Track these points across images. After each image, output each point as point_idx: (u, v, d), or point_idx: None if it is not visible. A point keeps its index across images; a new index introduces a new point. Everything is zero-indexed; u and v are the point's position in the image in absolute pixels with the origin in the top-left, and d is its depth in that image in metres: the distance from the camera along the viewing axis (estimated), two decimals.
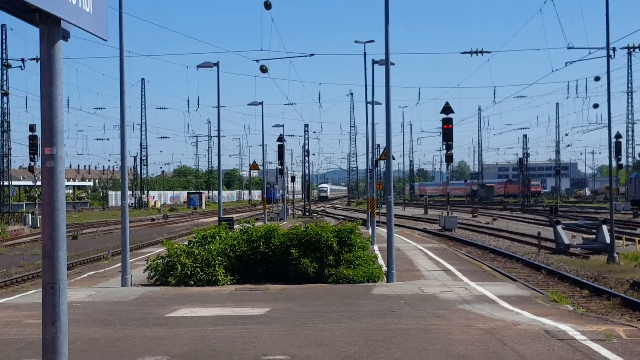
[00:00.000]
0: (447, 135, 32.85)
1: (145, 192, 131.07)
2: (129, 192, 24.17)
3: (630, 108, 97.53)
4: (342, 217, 72.24)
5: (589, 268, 30.66)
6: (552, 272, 30.16)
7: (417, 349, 12.69)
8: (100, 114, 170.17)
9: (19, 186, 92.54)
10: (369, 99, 46.77)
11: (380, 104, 43.37)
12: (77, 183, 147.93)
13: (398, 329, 14.67)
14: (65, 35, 7.87)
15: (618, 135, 73.01)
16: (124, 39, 23.48)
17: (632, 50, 62.60)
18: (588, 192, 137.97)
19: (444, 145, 33.93)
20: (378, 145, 51.87)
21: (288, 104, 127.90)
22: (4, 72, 74.30)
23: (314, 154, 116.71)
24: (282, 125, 79.23)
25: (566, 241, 38.95)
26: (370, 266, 23.99)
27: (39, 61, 7.91)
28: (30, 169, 71.63)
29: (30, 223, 65.40)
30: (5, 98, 79.06)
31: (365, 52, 44.44)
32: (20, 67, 66.46)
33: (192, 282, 22.40)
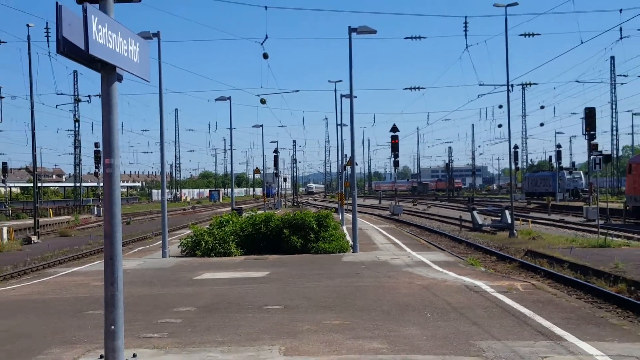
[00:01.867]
0: (394, 147, 33.08)
1: (179, 189, 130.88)
2: (167, 190, 24.24)
3: (524, 127, 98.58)
4: (320, 207, 72.02)
5: (496, 241, 30.71)
6: (470, 244, 30.28)
7: (374, 299, 12.86)
8: (146, 134, 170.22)
9: (87, 187, 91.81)
10: (339, 122, 46.86)
11: (346, 125, 43.23)
12: (129, 184, 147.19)
13: (361, 286, 14.76)
14: (120, 78, 8.17)
15: (515, 147, 73.66)
16: (162, 80, 23.58)
17: (524, 86, 63.79)
18: (495, 187, 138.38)
19: (392, 155, 34.04)
20: (345, 155, 51.68)
21: (281, 126, 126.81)
22: (76, 105, 74.16)
23: (299, 162, 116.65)
24: (277, 142, 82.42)
25: (480, 222, 39.15)
26: (341, 241, 24.09)
27: (100, 97, 8.14)
28: (95, 174, 72.06)
29: (95, 213, 65.02)
30: (77, 124, 78.88)
31: (335, 89, 44.35)
32: (87, 101, 66.27)
33: (213, 254, 22.48)
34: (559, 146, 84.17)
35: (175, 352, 8.70)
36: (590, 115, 30.92)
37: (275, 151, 74.18)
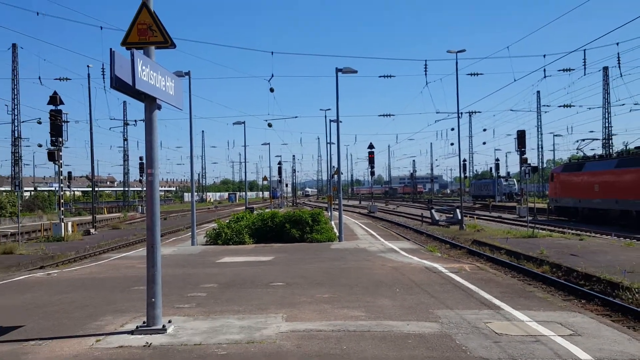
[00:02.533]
0: (371, 160, 33.15)
1: (205, 193, 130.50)
2: (195, 193, 24.16)
3: (470, 145, 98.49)
4: (314, 206, 72.04)
5: (449, 233, 30.82)
6: (429, 235, 30.30)
7: (356, 277, 12.84)
8: (179, 150, 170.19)
9: (134, 190, 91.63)
10: (328, 141, 47.11)
11: (334, 143, 43.58)
12: (166, 188, 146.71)
13: (345, 267, 14.74)
14: (159, 107, 8.24)
15: (464, 160, 73.88)
16: (192, 108, 23.55)
17: (471, 113, 63.73)
18: (449, 191, 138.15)
19: (369, 166, 34.06)
20: (333, 166, 51.77)
21: (283, 144, 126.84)
22: (125, 128, 74.42)
23: (298, 171, 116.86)
24: (280, 156, 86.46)
25: (437, 218, 39.24)
26: (330, 233, 24.13)
27: (144, 121, 8.16)
28: (140, 181, 72.71)
29: (140, 211, 64.75)
30: (125, 142, 79.18)
31: (325, 115, 44.48)
32: (134, 124, 66.25)
33: (231, 243, 22.47)
34: (497, 160, 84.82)
35: (202, 318, 8.72)
36: (521, 136, 31.02)
37: (279, 163, 74.40)
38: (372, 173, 41.87)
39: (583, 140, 46.44)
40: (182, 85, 9.21)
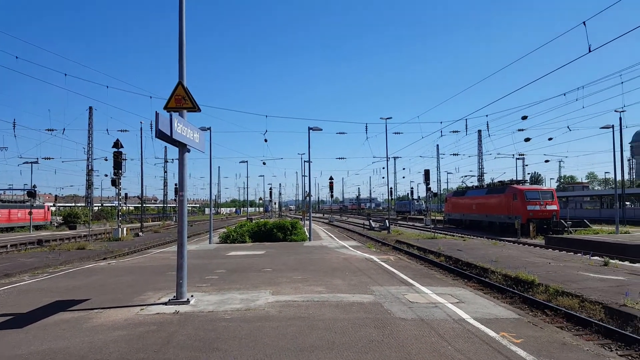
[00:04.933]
0: (331, 187, 33.11)
1: (219, 208, 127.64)
2: (213, 208, 23.62)
3: (395, 178, 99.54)
4: (294, 217, 71.55)
5: (381, 235, 30.79)
6: (368, 237, 30.05)
7: (319, 265, 12.65)
8: (202, 179, 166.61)
9: (171, 206, 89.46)
10: (303, 174, 47.06)
11: (306, 176, 43.68)
12: (192, 205, 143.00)
13: (312, 259, 14.47)
14: (188, 150, 8.09)
15: (391, 188, 74.37)
16: (212, 152, 23.31)
17: (395, 158, 65.00)
18: (382, 208, 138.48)
19: (330, 191, 34.03)
20: (306, 191, 51.89)
21: (273, 176, 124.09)
22: (165, 164, 72.92)
23: (283, 194, 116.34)
24: (271, 184, 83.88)
25: (373, 225, 39.22)
26: (303, 235, 23.81)
27: (177, 160, 8.02)
28: (174, 200, 70.49)
29: (174, 220, 63.31)
30: (165, 173, 77.20)
31: (302, 158, 44.40)
32: (171, 161, 65.15)
33: (236, 242, 22.04)
34: (412, 188, 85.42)
35: (214, 293, 8.49)
36: (426, 173, 31.62)
37: (270, 189, 73.28)
38: (332, 195, 41.68)
39: (465, 176, 47.77)
40: (205, 136, 9.14)
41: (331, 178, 33.10)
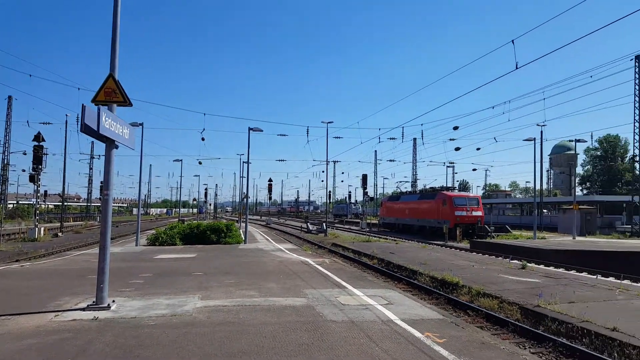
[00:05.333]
0: (269, 189, 32.93)
1: (149, 208, 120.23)
2: (141, 208, 22.41)
3: (334, 182, 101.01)
4: (229, 219, 69.95)
5: (318, 238, 30.82)
6: (305, 240, 29.95)
7: (253, 269, 12.41)
8: (131, 177, 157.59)
9: (95, 205, 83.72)
10: (242, 175, 46.11)
11: (245, 177, 42.95)
12: (119, 204, 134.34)
13: (247, 262, 14.21)
14: (116, 147, 7.66)
15: (330, 192, 75.26)
16: (143, 148, 22.11)
17: (335, 162, 65.65)
18: (320, 211, 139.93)
19: (269, 193, 33.77)
20: (244, 192, 51.11)
21: (209, 176, 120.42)
22: (91, 160, 68.13)
23: (219, 195, 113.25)
24: (206, 185, 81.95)
25: (311, 228, 39.35)
26: (239, 237, 23.24)
27: (104, 156, 7.56)
28: (99, 199, 66.05)
29: (97, 220, 59.35)
30: (90, 170, 71.88)
31: (240, 158, 44.51)
32: (98, 158, 61.26)
33: (165, 244, 20.99)
34: (350, 192, 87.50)
35: (138, 299, 8.05)
36: (364, 178, 32.45)
37: (206, 189, 71.79)
38: (270, 197, 41.69)
39: (400, 182, 49.69)
40: (137, 132, 8.68)
41: (270, 180, 32.89)
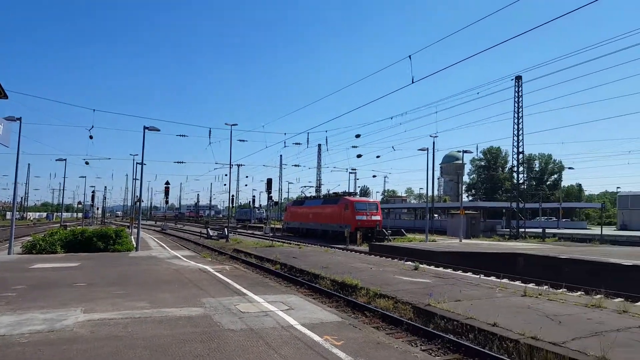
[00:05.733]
0: (166, 192, 31.07)
1: (26, 212, 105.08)
2: (17, 212, 19.36)
3: (237, 185, 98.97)
4: (119, 225, 64.56)
5: (219, 244, 29.96)
6: (205, 246, 28.68)
7: (145, 278, 11.65)
8: (6, 178, 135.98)
9: None
10: (134, 177, 42.69)
11: (138, 179, 40.13)
12: None
13: (138, 270, 13.33)
14: None
15: (233, 195, 72.90)
16: (20, 146, 19.39)
17: (239, 166, 64.07)
18: (221, 216, 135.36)
19: (165, 197, 31.89)
20: (137, 195, 47.70)
21: (98, 177, 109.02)
22: None
23: (109, 198, 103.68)
24: (94, 187, 73.73)
25: (211, 234, 38.07)
26: (129, 244, 21.47)
27: None
28: None
29: None
30: None
31: (134, 159, 41.01)
32: None
33: (44, 252, 18.63)
34: (254, 196, 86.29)
35: (9, 314, 7.08)
36: (269, 182, 32.39)
37: (93, 192, 64.94)
38: (167, 201, 39.10)
39: (305, 186, 50.62)
40: (13, 127, 7.63)
41: (167, 182, 31.14)
